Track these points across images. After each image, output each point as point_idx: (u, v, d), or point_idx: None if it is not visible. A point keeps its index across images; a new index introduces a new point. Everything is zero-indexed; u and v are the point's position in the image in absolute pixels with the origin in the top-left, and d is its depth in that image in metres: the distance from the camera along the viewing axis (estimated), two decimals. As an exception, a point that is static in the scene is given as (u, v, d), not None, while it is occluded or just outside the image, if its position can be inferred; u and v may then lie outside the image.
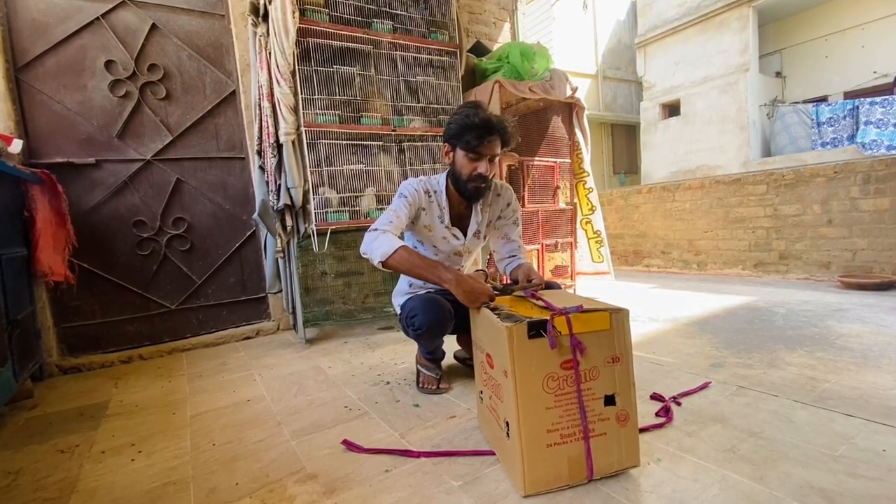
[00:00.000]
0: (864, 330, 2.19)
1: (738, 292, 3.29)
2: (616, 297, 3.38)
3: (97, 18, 2.44)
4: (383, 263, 1.44)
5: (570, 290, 3.29)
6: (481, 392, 1.36)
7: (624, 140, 10.14)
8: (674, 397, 1.55)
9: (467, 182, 1.59)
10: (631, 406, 1.11)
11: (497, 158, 1.61)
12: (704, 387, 1.64)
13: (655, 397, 1.56)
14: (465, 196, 1.66)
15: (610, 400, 1.10)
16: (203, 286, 2.75)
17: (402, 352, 2.33)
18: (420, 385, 1.80)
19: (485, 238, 1.86)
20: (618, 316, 1.10)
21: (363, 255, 1.52)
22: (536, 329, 1.04)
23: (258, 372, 2.20)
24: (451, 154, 1.63)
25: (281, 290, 2.73)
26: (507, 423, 1.10)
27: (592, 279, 3.43)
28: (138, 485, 1.27)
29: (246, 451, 1.41)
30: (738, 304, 2.90)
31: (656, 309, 2.92)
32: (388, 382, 1.92)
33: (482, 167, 1.55)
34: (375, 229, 1.51)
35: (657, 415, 1.45)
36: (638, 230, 4.74)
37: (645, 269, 4.76)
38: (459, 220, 1.76)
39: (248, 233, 2.87)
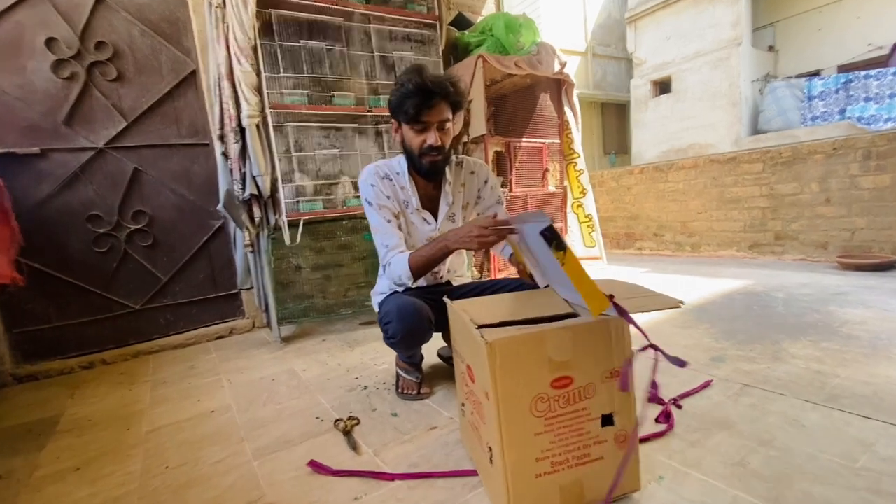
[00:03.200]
0: (869, 315, 2.08)
1: (733, 275, 3.18)
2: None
3: (34, -9, 2.19)
4: (413, 279, 1.43)
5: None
6: (463, 404, 1.22)
7: (614, 119, 9.94)
8: (674, 399, 1.42)
9: (420, 157, 1.45)
10: (631, 425, 0.97)
11: (449, 124, 1.45)
12: (706, 386, 1.52)
13: (653, 399, 1.44)
14: (423, 173, 1.51)
15: (608, 420, 0.96)
16: (169, 284, 2.57)
17: (382, 351, 2.18)
18: (399, 390, 1.66)
19: (464, 221, 1.69)
20: (615, 324, 0.95)
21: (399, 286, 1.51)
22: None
23: (227, 377, 2.04)
24: (399, 131, 1.49)
25: (252, 287, 2.56)
26: (491, 449, 0.96)
27: (584, 264, 3.30)
28: (75, 521, 1.12)
29: (201, 476, 1.26)
30: (735, 289, 2.78)
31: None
32: (365, 387, 1.78)
33: (431, 137, 1.40)
34: (385, 266, 1.49)
35: (657, 420, 1.32)
36: (630, 212, 4.61)
37: (637, 253, 4.64)
38: (430, 203, 1.60)
39: (217, 225, 2.68)
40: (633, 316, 0.91)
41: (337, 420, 1.48)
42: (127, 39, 2.41)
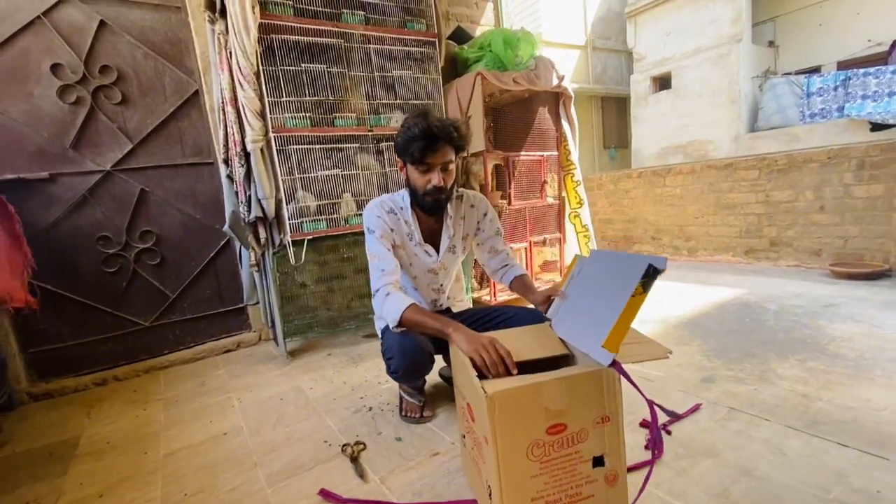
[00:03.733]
0: (856, 331, 2.15)
1: (728, 283, 3.25)
2: (606, 291, 3.32)
3: (38, 17, 2.23)
4: (398, 327, 1.44)
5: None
6: (464, 436, 1.30)
7: (614, 113, 9.93)
8: (664, 425, 1.50)
9: (424, 196, 1.51)
10: (620, 466, 1.05)
11: (452, 165, 1.51)
12: (695, 409, 1.59)
13: (645, 425, 1.51)
14: (426, 210, 1.57)
15: (598, 461, 1.03)
16: (177, 300, 2.64)
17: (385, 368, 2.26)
18: (403, 413, 1.74)
19: (463, 252, 1.76)
20: (607, 374, 1.02)
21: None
22: None
23: (237, 395, 2.12)
24: (404, 169, 1.55)
25: (258, 302, 2.63)
26: (490, 488, 1.03)
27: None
28: (103, 551, 1.20)
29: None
30: (729, 299, 2.85)
31: (646, 306, 2.85)
32: (370, 408, 1.85)
33: (435, 178, 1.46)
34: (377, 290, 1.47)
35: (647, 447, 1.40)
36: (628, 215, 4.66)
37: (635, 255, 4.71)
38: (431, 236, 1.66)
39: (222, 242, 2.74)
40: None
41: (344, 445, 1.56)
42: (130, 62, 2.45)
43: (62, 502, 1.43)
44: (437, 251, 1.66)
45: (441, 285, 1.75)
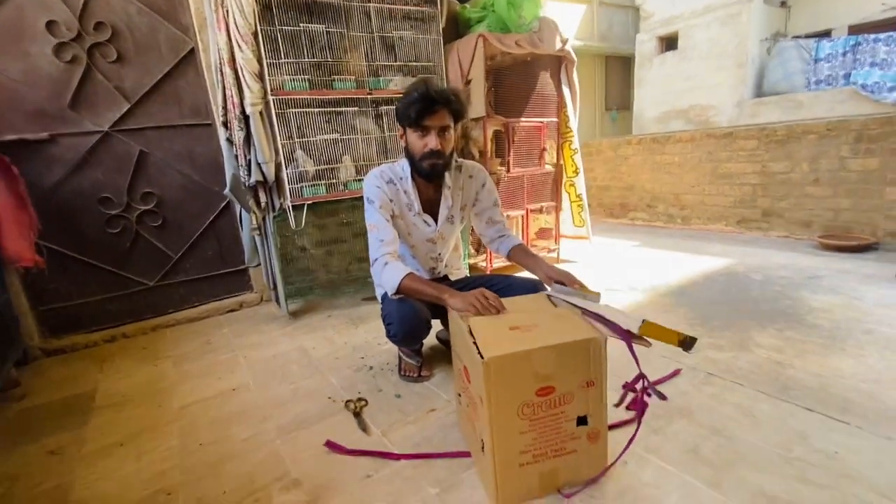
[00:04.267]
0: (836, 302, 2.25)
1: (718, 253, 3.33)
2: (599, 259, 3.41)
3: (28, -30, 2.15)
4: (396, 295, 1.52)
5: (554, 254, 3.30)
6: (459, 395, 1.40)
7: (618, 74, 9.66)
8: (645, 388, 1.61)
9: (421, 161, 1.55)
10: (602, 424, 1.15)
11: (450, 131, 1.54)
12: (675, 374, 1.70)
13: (627, 387, 1.62)
14: (424, 176, 1.61)
15: (582, 420, 1.13)
16: (180, 261, 2.70)
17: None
18: (402, 372, 1.85)
19: (462, 222, 1.81)
20: (594, 342, 1.10)
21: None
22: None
23: (243, 353, 2.22)
24: (403, 137, 1.59)
25: (259, 264, 2.69)
26: (483, 442, 1.14)
27: (572, 244, 3.44)
28: (130, 492, 1.32)
29: (233, 452, 1.46)
30: (717, 269, 2.94)
31: (636, 275, 2.95)
32: (370, 367, 1.96)
33: (431, 141, 1.50)
34: (375, 259, 1.54)
35: (628, 408, 1.51)
36: (625, 182, 4.68)
37: (630, 223, 4.77)
38: (430, 206, 1.71)
39: (222, 204, 2.76)
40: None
41: (347, 401, 1.67)
42: (125, 18, 2.38)
43: (86, 450, 1.55)
44: (436, 221, 1.71)
45: (439, 254, 1.81)
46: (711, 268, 2.98)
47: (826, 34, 6.86)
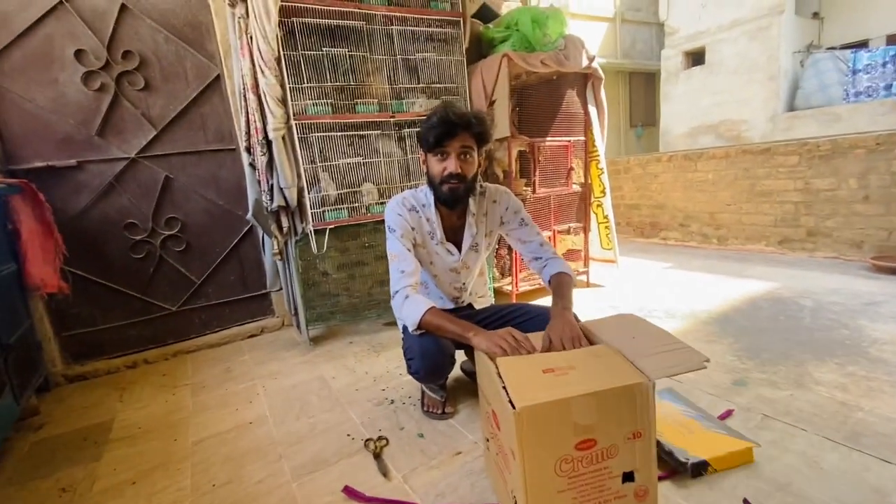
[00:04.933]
0: (900, 333, 2.04)
1: (760, 276, 3.12)
2: (630, 282, 3.25)
3: (60, 2, 2.21)
4: (416, 331, 1.44)
5: (583, 276, 3.16)
6: (487, 440, 1.28)
7: (642, 90, 9.53)
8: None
9: (441, 184, 1.47)
10: (651, 481, 1.01)
11: (472, 154, 1.46)
12: (727, 415, 1.54)
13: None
14: (444, 201, 1.53)
15: (628, 477, 1.00)
16: (203, 286, 2.68)
17: (407, 358, 2.26)
18: (425, 408, 1.73)
19: (487, 249, 1.72)
20: (640, 388, 0.98)
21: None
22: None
23: (262, 383, 2.15)
24: (425, 163, 1.52)
25: (282, 289, 2.65)
26: (515, 499, 1.02)
27: (599, 266, 3.29)
28: (137, 540, 1.24)
29: (246, 496, 1.37)
30: (761, 293, 2.74)
31: (673, 299, 2.78)
32: (392, 401, 1.86)
33: (451, 164, 1.43)
34: (397, 292, 1.46)
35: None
36: (656, 201, 4.51)
37: (662, 242, 4.57)
38: (453, 234, 1.63)
39: (245, 228, 2.75)
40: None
41: (367, 440, 1.57)
42: (152, 47, 2.42)
43: (97, 488, 1.48)
44: (459, 250, 1.62)
45: (463, 284, 1.72)
46: (754, 292, 2.78)
47: (863, 45, 6.60)
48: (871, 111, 5.51)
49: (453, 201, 1.52)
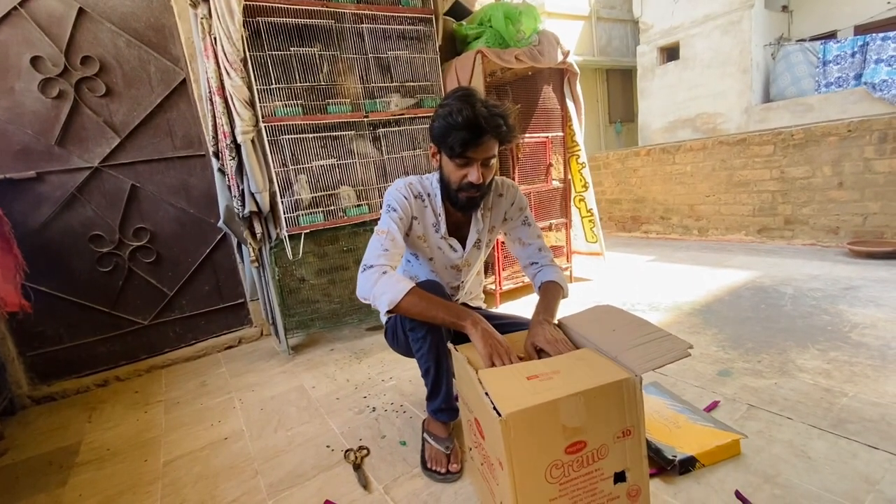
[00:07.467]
0: (880, 316, 2.05)
1: (741, 265, 3.14)
2: (615, 275, 3.24)
3: (14, 8, 2.11)
4: (390, 311, 1.21)
5: (567, 272, 3.14)
6: (471, 449, 1.23)
7: (619, 86, 9.62)
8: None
9: (457, 192, 1.32)
10: (643, 479, 0.98)
11: (494, 160, 1.31)
12: (713, 407, 1.52)
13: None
14: (457, 207, 1.39)
15: (620, 476, 0.96)
16: (176, 297, 2.58)
17: (389, 363, 2.20)
18: (426, 464, 1.40)
19: (488, 246, 1.59)
20: (627, 384, 0.94)
21: (362, 301, 1.25)
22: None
23: (238, 396, 2.07)
24: (437, 157, 1.35)
25: (258, 298, 2.57)
26: (501, 509, 0.97)
27: (585, 260, 3.27)
28: (101, 571, 1.17)
29: (219, 517, 1.30)
30: (743, 283, 2.75)
31: (656, 291, 2.78)
32: (373, 409, 1.80)
33: (473, 175, 1.25)
34: (371, 266, 1.23)
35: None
36: (636, 195, 4.53)
37: (643, 236, 4.59)
38: (457, 229, 1.49)
39: (219, 237, 2.66)
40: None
41: (347, 451, 1.51)
42: (113, 52, 2.33)
43: (61, 516, 1.40)
44: (464, 247, 1.50)
45: (462, 282, 1.59)
46: (736, 281, 2.79)
47: (831, 36, 6.75)
48: (841, 100, 5.62)
49: (467, 209, 1.40)
